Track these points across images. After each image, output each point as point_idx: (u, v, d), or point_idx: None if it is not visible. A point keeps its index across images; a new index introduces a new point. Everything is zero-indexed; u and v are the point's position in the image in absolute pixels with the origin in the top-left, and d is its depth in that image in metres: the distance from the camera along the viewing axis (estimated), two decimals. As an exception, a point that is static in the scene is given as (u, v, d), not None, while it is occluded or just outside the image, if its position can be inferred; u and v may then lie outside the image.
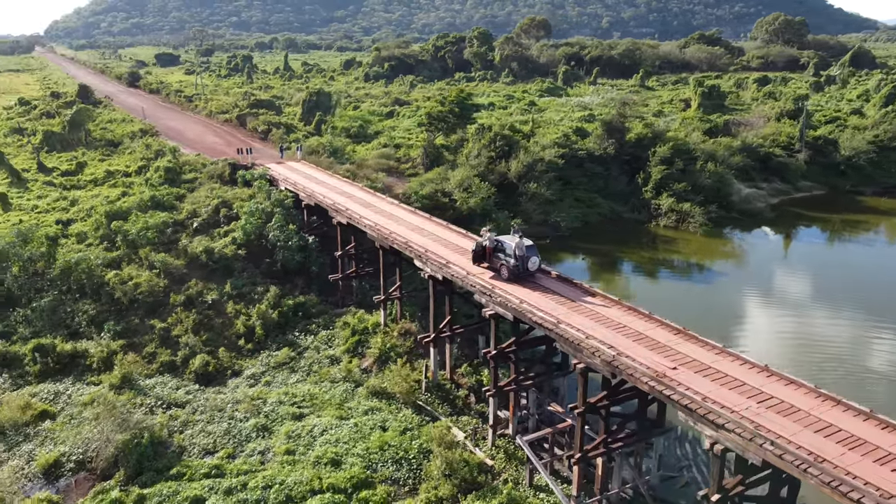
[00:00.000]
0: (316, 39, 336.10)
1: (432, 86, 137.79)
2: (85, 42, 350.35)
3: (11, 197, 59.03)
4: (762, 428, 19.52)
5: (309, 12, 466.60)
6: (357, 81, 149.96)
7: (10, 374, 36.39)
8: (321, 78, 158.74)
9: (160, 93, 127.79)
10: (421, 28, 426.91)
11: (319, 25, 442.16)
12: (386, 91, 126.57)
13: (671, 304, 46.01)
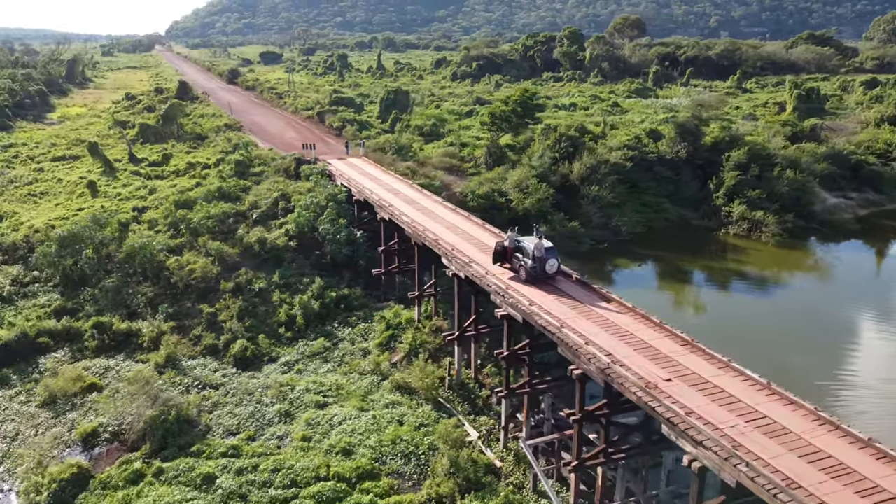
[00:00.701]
0: (414, 39, 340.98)
1: (518, 85, 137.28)
2: (199, 41, 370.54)
3: (100, 185, 63.57)
4: (741, 448, 18.52)
5: (410, 12, 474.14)
6: (444, 80, 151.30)
7: (70, 347, 39.34)
8: (410, 76, 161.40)
9: (255, 89, 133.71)
10: (521, 28, 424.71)
11: (420, 25, 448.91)
12: (469, 90, 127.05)
13: (748, 321, 44.38)
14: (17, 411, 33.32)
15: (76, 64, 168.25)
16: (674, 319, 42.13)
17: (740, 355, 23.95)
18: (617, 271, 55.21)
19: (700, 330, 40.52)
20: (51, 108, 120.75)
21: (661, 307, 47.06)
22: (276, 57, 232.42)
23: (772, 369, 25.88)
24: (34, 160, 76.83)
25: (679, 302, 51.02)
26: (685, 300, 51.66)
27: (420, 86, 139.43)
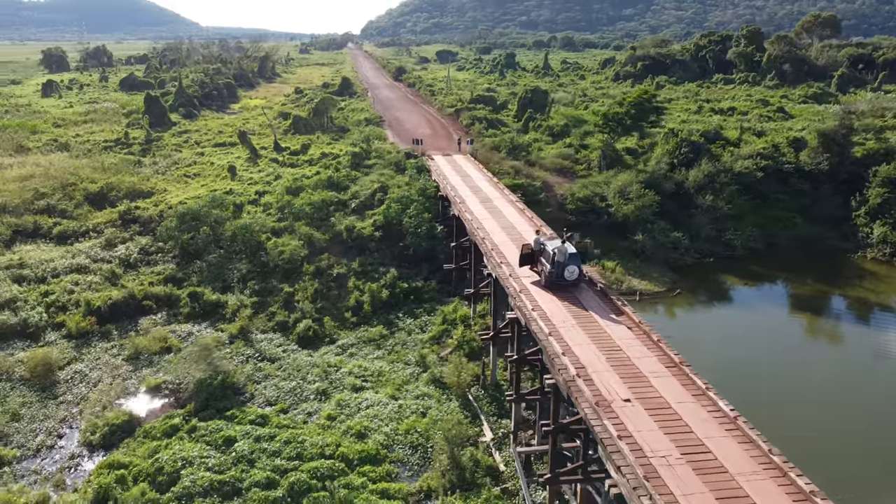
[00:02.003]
0: (595, 38, 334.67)
1: (680, 87, 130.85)
2: (388, 40, 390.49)
3: (240, 170, 70.08)
4: (655, 480, 17.22)
5: (597, 11, 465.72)
6: (605, 81, 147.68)
7: (168, 312, 44.19)
8: (573, 76, 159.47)
9: (414, 86, 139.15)
10: (715, 26, 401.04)
11: (605, 24, 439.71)
12: (625, 92, 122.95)
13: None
14: (106, 362, 38.22)
15: (267, 60, 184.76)
16: (787, 350, 38.78)
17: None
18: (722, 289, 51.35)
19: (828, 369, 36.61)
20: (235, 100, 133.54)
21: (775, 333, 43.66)
22: (451, 55, 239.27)
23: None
24: (199, 145, 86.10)
25: (800, 330, 46.20)
26: (805, 328, 46.54)
27: (579, 86, 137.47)
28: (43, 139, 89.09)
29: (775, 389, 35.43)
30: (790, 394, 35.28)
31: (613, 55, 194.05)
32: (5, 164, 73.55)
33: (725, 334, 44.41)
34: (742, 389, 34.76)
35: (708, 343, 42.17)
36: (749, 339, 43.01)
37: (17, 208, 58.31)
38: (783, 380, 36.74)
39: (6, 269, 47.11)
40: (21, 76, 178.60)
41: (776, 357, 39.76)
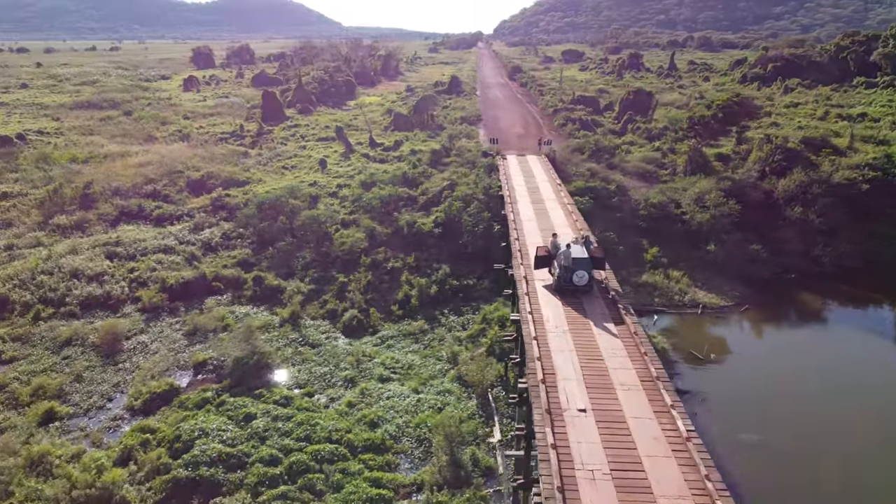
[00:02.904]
0: (736, 38, 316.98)
1: (811, 91, 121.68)
2: (518, 39, 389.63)
3: (330, 163, 73.12)
4: (571, 493, 16.72)
5: (742, 9, 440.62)
6: (731, 83, 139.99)
7: (233, 294, 47.11)
8: (698, 77, 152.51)
9: (526, 86, 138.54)
10: (877, 25, 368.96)
11: (752, 23, 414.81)
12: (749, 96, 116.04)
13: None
14: (167, 336, 41.44)
15: (391, 59, 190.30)
16: (869, 385, 36.40)
17: None
18: (800, 308, 47.61)
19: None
20: (353, 97, 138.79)
21: (855, 364, 39.80)
22: (577, 55, 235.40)
23: None
24: (304, 139, 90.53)
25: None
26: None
27: (699, 88, 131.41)
28: (169, 130, 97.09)
29: (844, 435, 32.21)
30: (861, 442, 31.97)
31: (746, 56, 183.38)
32: (132, 152, 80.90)
33: (790, 359, 41.16)
34: (798, 428, 32.51)
35: (764, 366, 39.41)
36: (820, 368, 39.46)
37: (127, 192, 64.13)
38: (855, 424, 33.30)
39: (103, 245, 52.04)
40: (171, 72, 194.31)
41: (851, 392, 36.17)
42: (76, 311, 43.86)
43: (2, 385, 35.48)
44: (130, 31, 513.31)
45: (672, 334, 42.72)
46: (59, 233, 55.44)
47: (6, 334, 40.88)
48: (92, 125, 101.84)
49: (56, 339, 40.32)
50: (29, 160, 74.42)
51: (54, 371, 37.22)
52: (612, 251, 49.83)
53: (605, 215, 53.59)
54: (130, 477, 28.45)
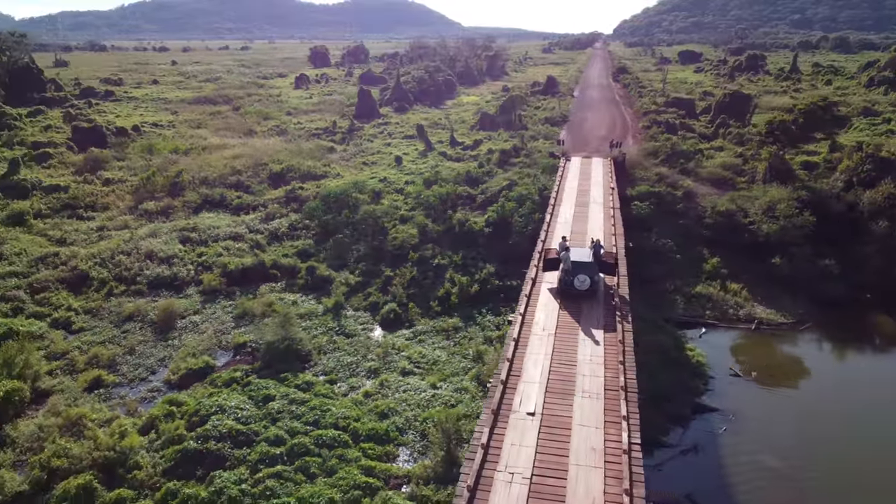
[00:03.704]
0: (878, 39, 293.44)
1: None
2: (637, 39, 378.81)
3: (406, 160, 74.68)
4: (481, 495, 16.72)
5: (889, 7, 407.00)
6: (857, 86, 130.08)
7: (287, 281, 49.29)
8: (820, 80, 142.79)
9: (628, 87, 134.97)
10: None
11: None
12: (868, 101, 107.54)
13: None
14: (218, 317, 43.99)
15: (497, 59, 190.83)
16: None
17: None
18: (872, 331, 43.89)
19: None
20: (452, 96, 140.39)
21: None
22: (694, 56, 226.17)
23: None
24: (391, 136, 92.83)
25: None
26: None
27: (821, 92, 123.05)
28: (269, 125, 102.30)
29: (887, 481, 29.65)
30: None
31: (879, 58, 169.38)
32: (229, 145, 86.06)
33: (846, 386, 38.12)
34: (835, 462, 30.32)
35: (813, 391, 36.80)
36: (881, 401, 36.24)
37: (214, 181, 68.37)
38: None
39: (180, 230, 55.86)
40: (289, 70, 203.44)
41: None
42: (144, 289, 47.42)
43: (65, 352, 39.04)
44: (263, 31, 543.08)
45: (717, 349, 40.67)
46: (145, 217, 60.03)
47: (80, 307, 44.88)
48: (202, 119, 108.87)
49: (120, 314, 43.83)
50: (136, 150, 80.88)
51: (112, 343, 40.50)
52: (669, 260, 48.14)
53: (666, 222, 51.69)
54: (149, 444, 30.65)
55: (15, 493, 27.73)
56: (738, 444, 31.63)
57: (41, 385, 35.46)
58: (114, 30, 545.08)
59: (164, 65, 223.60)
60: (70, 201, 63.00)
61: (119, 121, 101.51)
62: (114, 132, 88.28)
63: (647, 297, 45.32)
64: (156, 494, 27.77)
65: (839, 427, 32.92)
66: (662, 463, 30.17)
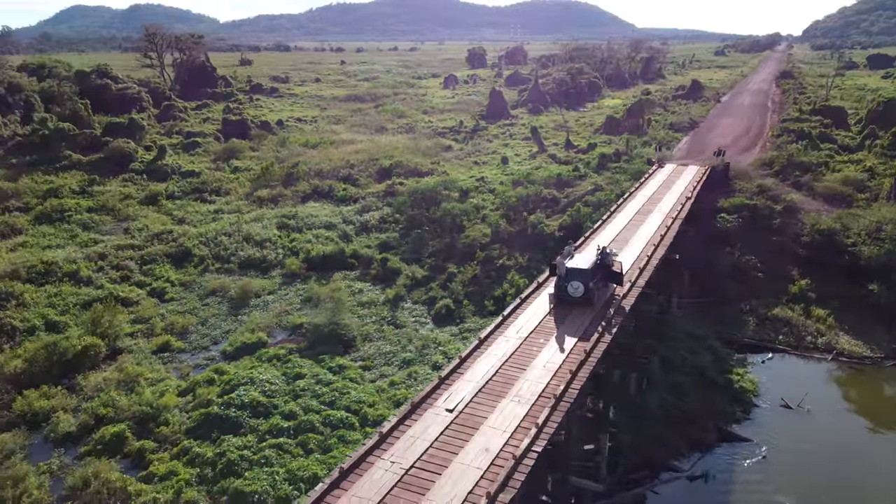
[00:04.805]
0: None
1: None
2: (829, 41, 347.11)
3: (512, 161, 74.91)
4: (353, 476, 17.19)
5: None
6: None
7: (361, 270, 51.62)
8: None
9: (786, 93, 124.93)
10: None
11: None
12: None
13: None
14: (288, 299, 47.08)
15: (652, 61, 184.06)
16: None
17: None
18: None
19: None
20: (594, 99, 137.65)
21: None
22: (886, 61, 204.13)
23: None
24: (511, 137, 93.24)
25: None
26: None
27: None
28: (400, 123, 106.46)
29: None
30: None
31: None
32: (356, 140, 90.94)
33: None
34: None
35: (869, 436, 32.92)
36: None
37: (327, 173, 72.77)
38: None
39: (281, 217, 60.23)
40: (446, 70, 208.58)
41: None
42: (234, 268, 51.84)
43: (148, 317, 43.89)
44: (435, 33, 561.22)
45: (777, 377, 37.45)
46: (257, 203, 65.30)
47: (177, 279, 50.04)
48: (343, 115, 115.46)
49: (205, 289, 48.36)
50: (271, 143, 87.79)
51: (190, 313, 44.89)
52: (750, 278, 44.91)
53: (756, 237, 48.05)
54: (183, 405, 33.93)
55: (65, 433, 31.99)
56: (757, 481, 29.21)
57: (119, 344, 40.21)
58: (302, 31, 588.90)
59: (333, 64, 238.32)
60: (199, 185, 69.91)
61: (269, 115, 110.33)
62: (257, 125, 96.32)
63: (715, 315, 42.68)
64: (173, 449, 30.83)
65: (883, 485, 29.25)
66: (659, 485, 28.65)
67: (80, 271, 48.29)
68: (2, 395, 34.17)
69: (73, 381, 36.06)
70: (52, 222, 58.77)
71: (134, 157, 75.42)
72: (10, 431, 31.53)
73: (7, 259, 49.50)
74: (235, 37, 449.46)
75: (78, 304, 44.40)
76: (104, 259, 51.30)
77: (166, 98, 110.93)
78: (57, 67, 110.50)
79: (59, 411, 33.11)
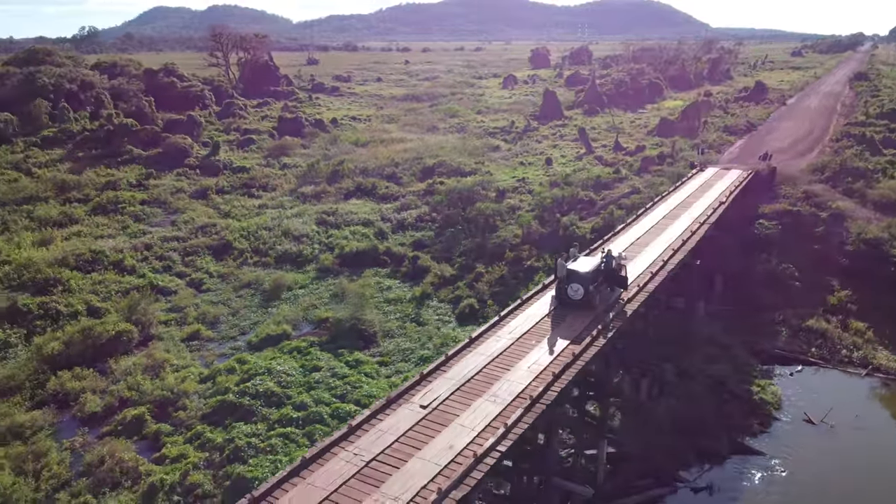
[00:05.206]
0: None
1: None
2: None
3: (557, 163, 74.24)
4: (320, 461, 17.62)
5: None
6: None
7: (391, 267, 52.17)
8: None
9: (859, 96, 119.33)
10: None
11: None
12: None
13: None
14: (317, 293, 47.97)
15: (720, 62, 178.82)
16: None
17: None
18: None
19: None
20: (654, 101, 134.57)
21: None
22: None
23: None
24: (562, 139, 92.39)
25: None
26: None
27: None
28: (452, 122, 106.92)
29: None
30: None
31: None
32: (406, 139, 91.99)
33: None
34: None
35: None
36: None
37: (372, 171, 73.84)
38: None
39: (321, 213, 61.51)
40: (508, 70, 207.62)
41: None
42: (271, 262, 53.27)
43: (181, 307, 45.58)
44: (503, 33, 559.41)
45: (804, 390, 36.02)
46: (300, 199, 66.85)
47: (215, 271, 51.80)
48: (397, 114, 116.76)
49: (241, 281, 49.86)
50: (322, 140, 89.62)
51: (223, 304, 46.41)
52: (786, 287, 43.37)
53: (796, 245, 46.27)
54: (202, 392, 35.17)
55: (91, 413, 33.66)
56: (765, 495, 28.21)
57: (152, 331, 41.96)
58: (371, 31, 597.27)
59: (397, 64, 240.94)
60: (248, 181, 72.05)
61: (325, 114, 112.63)
62: (311, 123, 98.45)
63: (746, 323, 41.36)
64: (187, 433, 32.03)
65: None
66: (658, 496, 28.04)
67: (125, 260, 50.57)
68: (38, 375, 36.14)
69: (104, 364, 37.83)
70: (107, 213, 61.70)
71: (189, 153, 78.28)
72: (40, 409, 33.42)
73: (61, 247, 52.24)
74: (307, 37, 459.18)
75: (120, 291, 46.51)
76: (149, 249, 53.55)
77: (228, 96, 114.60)
78: (128, 66, 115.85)
79: (88, 392, 34.82)
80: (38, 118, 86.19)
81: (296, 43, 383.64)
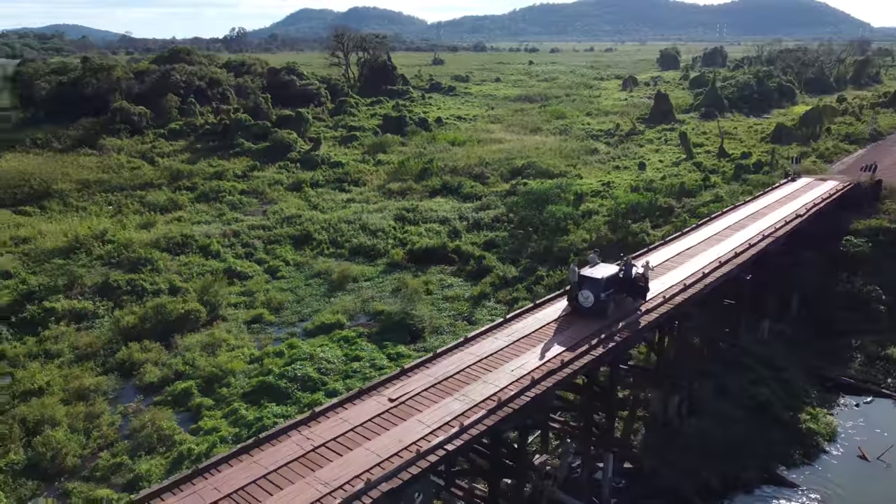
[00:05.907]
0: None
1: None
2: None
3: (651, 167, 71.63)
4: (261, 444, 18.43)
5: None
6: None
7: (458, 266, 52.49)
8: None
9: None
10: None
11: None
12: None
13: None
14: (380, 286, 49.01)
15: (867, 65, 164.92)
16: None
17: None
18: None
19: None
20: (783, 105, 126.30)
21: None
22: None
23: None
24: (666, 143, 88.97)
25: None
26: None
27: None
28: (556, 124, 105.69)
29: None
30: None
31: None
32: (505, 140, 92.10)
33: None
34: None
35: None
36: None
37: (460, 171, 74.56)
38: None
39: (401, 209, 62.90)
40: (634, 72, 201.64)
41: None
42: (345, 254, 55.24)
43: (252, 292, 48.28)
44: (639, 33, 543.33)
45: (869, 424, 32.91)
46: (386, 195, 68.67)
47: (293, 259, 54.38)
48: (504, 115, 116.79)
49: (314, 270, 52.08)
50: (421, 139, 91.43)
51: (291, 291, 48.71)
52: (870, 310, 39.85)
53: (888, 266, 42.20)
54: (248, 371, 37.23)
55: (149, 382, 36.57)
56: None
57: (220, 312, 44.81)
58: (504, 32, 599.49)
59: (520, 65, 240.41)
60: (342, 175, 74.93)
61: (433, 113, 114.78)
62: (415, 122, 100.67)
63: (815, 346, 38.31)
64: (225, 408, 34.10)
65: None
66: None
67: (212, 245, 54.21)
68: (112, 345, 39.69)
69: (171, 339, 40.91)
70: (209, 201, 66.35)
71: (293, 147, 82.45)
72: (106, 375, 36.75)
73: (162, 231, 56.82)
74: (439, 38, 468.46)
75: (201, 273, 49.94)
76: (237, 236, 57.06)
77: (343, 94, 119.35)
78: (255, 65, 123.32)
79: (149, 364, 37.85)
80: (168, 112, 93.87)
81: (427, 43, 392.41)
